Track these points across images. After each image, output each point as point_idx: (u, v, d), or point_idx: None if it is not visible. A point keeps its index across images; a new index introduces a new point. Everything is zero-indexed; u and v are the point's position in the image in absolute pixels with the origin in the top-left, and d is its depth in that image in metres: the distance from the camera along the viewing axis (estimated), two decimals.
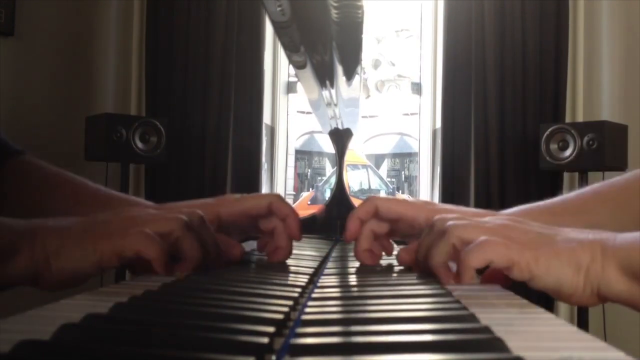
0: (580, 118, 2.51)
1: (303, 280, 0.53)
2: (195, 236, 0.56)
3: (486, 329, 0.33)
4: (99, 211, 0.60)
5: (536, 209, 0.73)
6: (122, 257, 0.53)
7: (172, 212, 0.58)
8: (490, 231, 0.54)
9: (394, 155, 8.73)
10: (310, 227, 1.35)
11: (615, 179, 0.74)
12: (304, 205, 5.75)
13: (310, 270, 0.62)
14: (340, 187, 1.38)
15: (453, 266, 0.56)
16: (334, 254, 0.88)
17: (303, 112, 3.42)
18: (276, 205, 0.69)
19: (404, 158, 8.53)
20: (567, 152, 2.18)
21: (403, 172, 8.60)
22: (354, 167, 7.39)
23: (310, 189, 6.68)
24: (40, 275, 0.52)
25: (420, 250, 0.59)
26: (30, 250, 0.51)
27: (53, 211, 0.70)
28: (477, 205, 2.39)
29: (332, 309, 0.43)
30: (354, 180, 7.32)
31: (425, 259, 0.56)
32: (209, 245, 0.59)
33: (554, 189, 2.47)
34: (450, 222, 0.55)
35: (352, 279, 0.59)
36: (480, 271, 0.60)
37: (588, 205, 0.72)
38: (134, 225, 0.55)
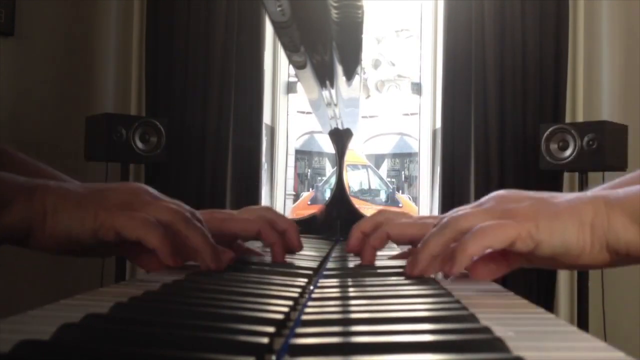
0: (580, 118, 2.51)
1: (303, 280, 0.53)
2: (198, 227, 0.55)
3: (486, 329, 0.33)
4: None
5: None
6: (120, 235, 0.51)
7: (169, 203, 0.57)
8: (488, 212, 0.53)
9: (394, 155, 8.73)
10: (310, 227, 1.35)
11: None
12: (304, 205, 5.75)
13: (310, 271, 0.61)
14: (340, 187, 1.38)
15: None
16: (334, 254, 0.88)
17: (303, 112, 3.42)
18: (265, 233, 0.68)
19: (404, 158, 8.53)
20: (567, 152, 2.18)
21: (403, 172, 8.60)
22: (354, 167, 7.39)
23: (310, 189, 6.68)
24: (33, 232, 0.50)
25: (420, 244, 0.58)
26: (27, 204, 0.49)
27: None
28: None
29: (332, 309, 0.43)
30: (354, 180, 7.32)
31: (420, 249, 0.55)
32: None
33: (554, 189, 2.47)
34: (449, 214, 0.55)
35: (352, 279, 0.59)
36: None
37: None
38: (137, 203, 0.53)
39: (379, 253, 0.78)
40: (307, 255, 0.79)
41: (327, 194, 1.66)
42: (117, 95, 2.52)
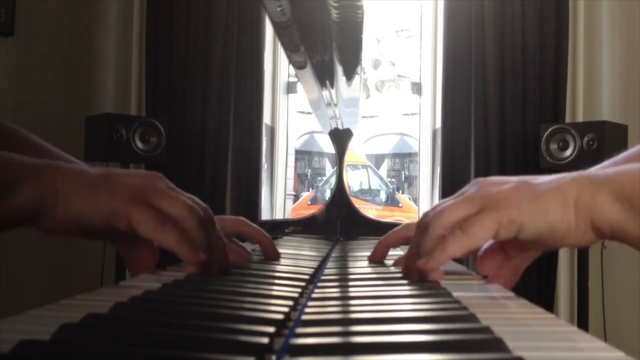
0: (580, 118, 2.51)
1: (303, 280, 0.53)
2: (206, 233, 0.54)
3: (486, 329, 0.33)
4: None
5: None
6: (133, 229, 0.50)
7: (184, 196, 0.56)
8: (469, 200, 0.52)
9: (394, 155, 8.73)
10: (310, 227, 1.35)
11: None
12: (304, 205, 5.75)
13: (311, 270, 0.62)
14: (340, 187, 1.38)
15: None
16: (334, 254, 0.88)
17: (303, 112, 3.42)
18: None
19: (404, 158, 8.53)
20: (567, 152, 2.18)
21: (403, 172, 8.60)
22: (354, 167, 7.39)
23: (310, 189, 6.68)
24: (44, 213, 0.49)
25: (412, 251, 0.56)
26: (37, 185, 0.48)
27: None
28: None
29: (332, 309, 0.43)
30: (354, 180, 7.32)
31: (418, 260, 0.53)
32: (214, 245, 0.56)
33: None
34: (429, 214, 0.53)
35: (352, 279, 0.59)
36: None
37: None
38: (151, 191, 0.52)
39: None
40: (307, 255, 0.79)
41: (327, 194, 1.66)
42: (117, 95, 2.52)
